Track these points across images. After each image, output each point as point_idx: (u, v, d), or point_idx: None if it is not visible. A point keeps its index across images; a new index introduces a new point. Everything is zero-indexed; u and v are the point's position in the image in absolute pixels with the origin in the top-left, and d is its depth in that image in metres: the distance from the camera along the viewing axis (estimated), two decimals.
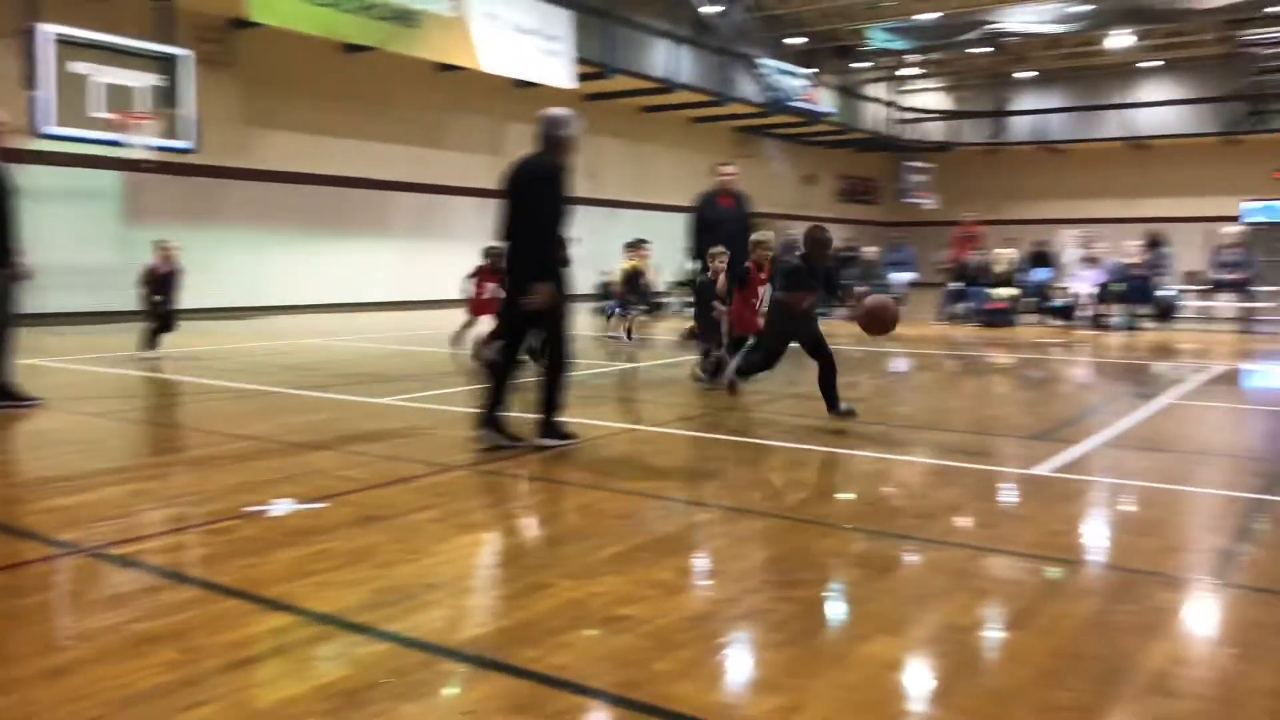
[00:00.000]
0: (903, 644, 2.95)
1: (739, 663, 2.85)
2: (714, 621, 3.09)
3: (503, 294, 5.88)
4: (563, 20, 19.51)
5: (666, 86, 22.75)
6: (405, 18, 16.84)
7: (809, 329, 6.78)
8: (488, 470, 5.22)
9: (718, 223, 9.20)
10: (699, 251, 9.39)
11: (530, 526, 4.47)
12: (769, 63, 25.57)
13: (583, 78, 20.04)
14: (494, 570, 3.79)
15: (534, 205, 5.46)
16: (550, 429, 5.70)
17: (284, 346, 12.16)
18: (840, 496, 5.00)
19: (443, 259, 18.74)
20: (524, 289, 5.42)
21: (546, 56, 19.19)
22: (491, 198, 6.68)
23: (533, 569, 3.68)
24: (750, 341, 7.79)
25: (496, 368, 5.77)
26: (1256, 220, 27.17)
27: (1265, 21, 25.91)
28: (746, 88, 25.16)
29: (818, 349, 6.70)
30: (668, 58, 23.08)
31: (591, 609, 3.14)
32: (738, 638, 3.01)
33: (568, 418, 5.89)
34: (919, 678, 2.77)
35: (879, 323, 6.65)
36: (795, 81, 26.09)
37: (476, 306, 10.49)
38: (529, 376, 6.26)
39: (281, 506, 4.34)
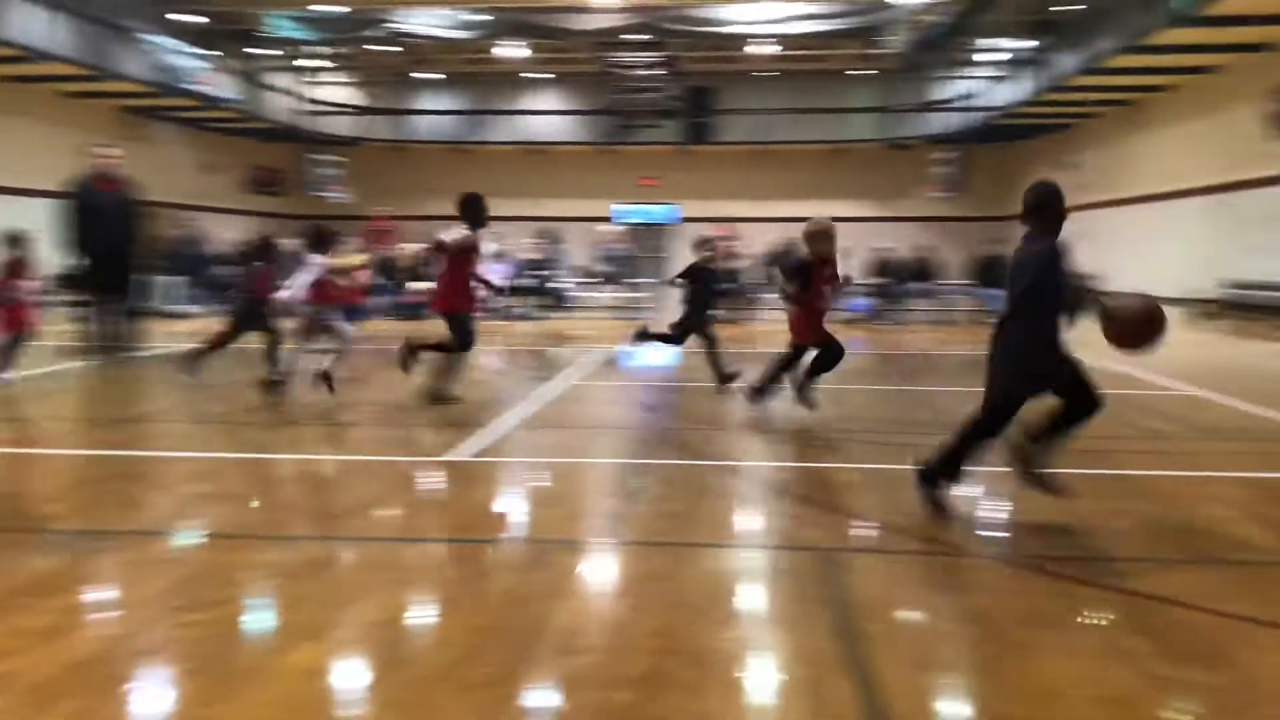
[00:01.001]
0: (326, 648, 2.84)
1: (141, 703, 2.53)
2: (108, 663, 2.71)
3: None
4: None
5: (29, 55, 19.75)
6: None
7: (1068, 363, 4.24)
8: None
9: (97, 210, 8.33)
10: (78, 242, 8.43)
11: None
12: (158, 40, 23.45)
13: None
14: None
15: None
16: None
17: None
18: (255, 503, 4.71)
19: None
20: None
21: None
22: None
23: None
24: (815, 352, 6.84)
25: None
26: (630, 221, 31.13)
27: (626, 47, 29.71)
28: (132, 65, 22.82)
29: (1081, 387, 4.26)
30: (29, 22, 20.03)
31: None
32: (138, 676, 2.67)
33: None
34: (344, 679, 2.69)
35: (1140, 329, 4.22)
36: (190, 62, 24.26)
37: (10, 318, 7.80)
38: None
39: None
